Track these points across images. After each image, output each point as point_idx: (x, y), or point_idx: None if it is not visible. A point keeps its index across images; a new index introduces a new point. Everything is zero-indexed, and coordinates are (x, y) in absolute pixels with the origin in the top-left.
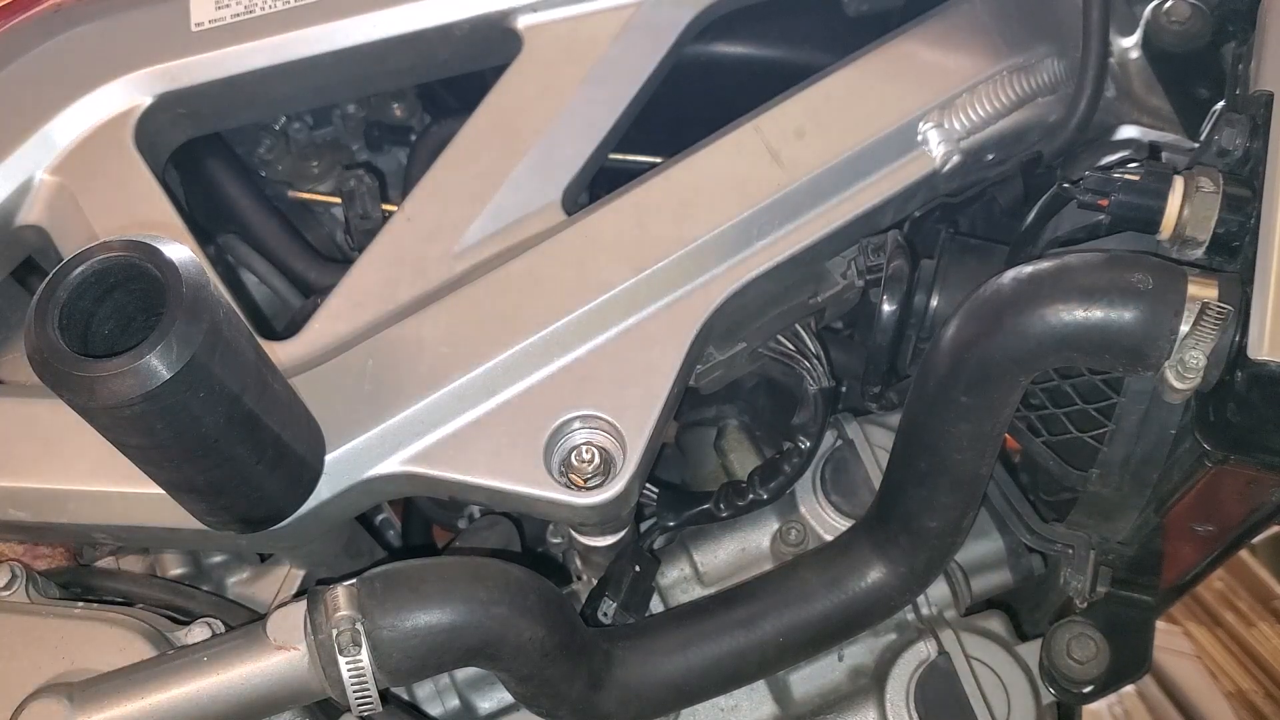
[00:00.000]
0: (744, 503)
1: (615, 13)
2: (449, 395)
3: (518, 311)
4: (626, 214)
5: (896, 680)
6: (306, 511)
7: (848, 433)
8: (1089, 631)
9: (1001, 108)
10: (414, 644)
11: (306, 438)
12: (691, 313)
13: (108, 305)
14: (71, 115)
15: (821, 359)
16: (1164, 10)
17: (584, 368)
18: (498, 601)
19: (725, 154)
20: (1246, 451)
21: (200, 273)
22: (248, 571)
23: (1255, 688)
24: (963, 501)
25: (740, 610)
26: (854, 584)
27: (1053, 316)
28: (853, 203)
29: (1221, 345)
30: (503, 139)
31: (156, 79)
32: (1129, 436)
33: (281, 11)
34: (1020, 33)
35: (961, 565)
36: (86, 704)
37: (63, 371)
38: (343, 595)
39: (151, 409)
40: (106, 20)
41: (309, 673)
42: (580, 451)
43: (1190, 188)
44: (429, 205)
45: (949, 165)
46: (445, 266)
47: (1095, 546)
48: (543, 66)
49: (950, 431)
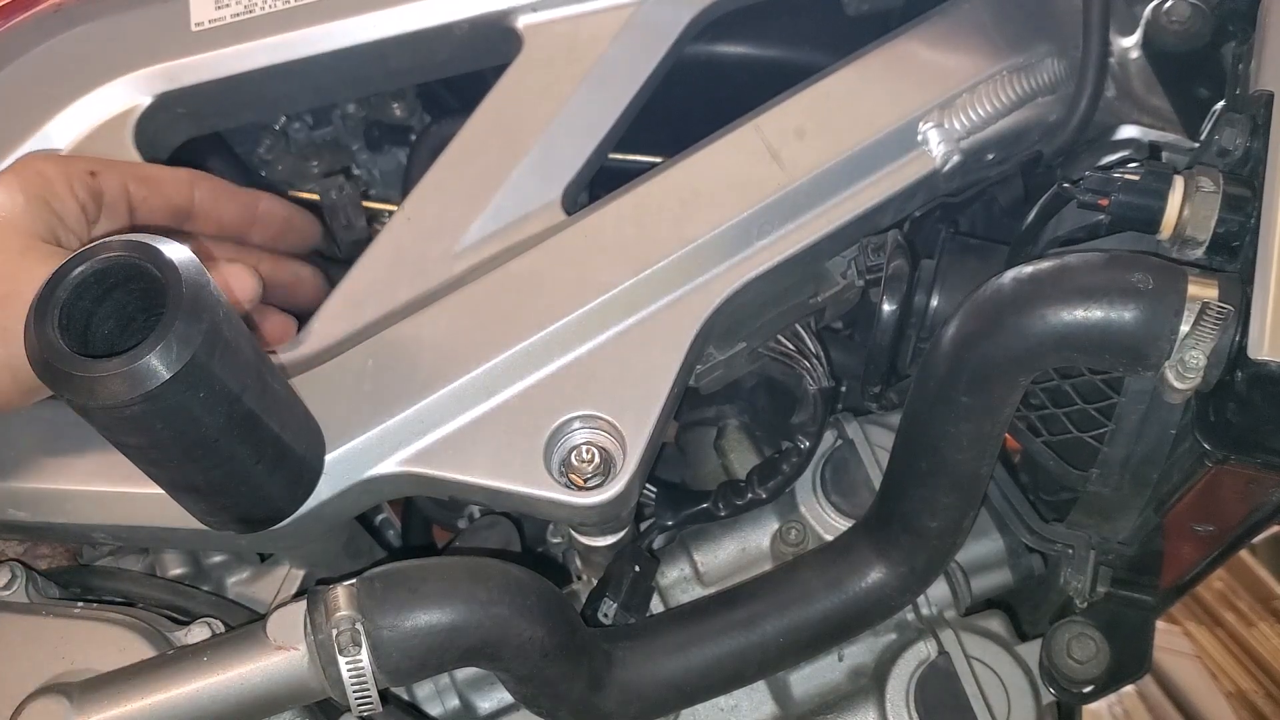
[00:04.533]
0: (743, 502)
1: (615, 12)
2: (449, 395)
3: (518, 311)
4: (626, 214)
5: (896, 680)
6: (306, 511)
7: (848, 432)
8: (1089, 631)
9: (1001, 108)
10: (414, 644)
11: (306, 438)
12: (691, 313)
13: (108, 305)
14: (71, 115)
15: (821, 359)
16: (1164, 10)
17: (584, 368)
18: (497, 601)
19: (725, 154)
20: (1247, 451)
21: (200, 273)
22: (248, 571)
23: (1255, 688)
24: (963, 501)
25: (740, 610)
26: (854, 584)
27: (1053, 316)
28: (853, 203)
29: (1222, 345)
30: (503, 139)
31: (156, 79)
32: (1129, 436)
33: (281, 11)
34: (1020, 33)
35: (961, 565)
36: (86, 704)
37: (62, 371)
38: (343, 595)
39: (151, 409)
40: (106, 20)
41: (309, 673)
42: (580, 451)
43: (1190, 187)
44: (429, 205)
45: (949, 165)
46: (445, 266)
47: (1095, 546)
48: (543, 66)
49: (950, 431)
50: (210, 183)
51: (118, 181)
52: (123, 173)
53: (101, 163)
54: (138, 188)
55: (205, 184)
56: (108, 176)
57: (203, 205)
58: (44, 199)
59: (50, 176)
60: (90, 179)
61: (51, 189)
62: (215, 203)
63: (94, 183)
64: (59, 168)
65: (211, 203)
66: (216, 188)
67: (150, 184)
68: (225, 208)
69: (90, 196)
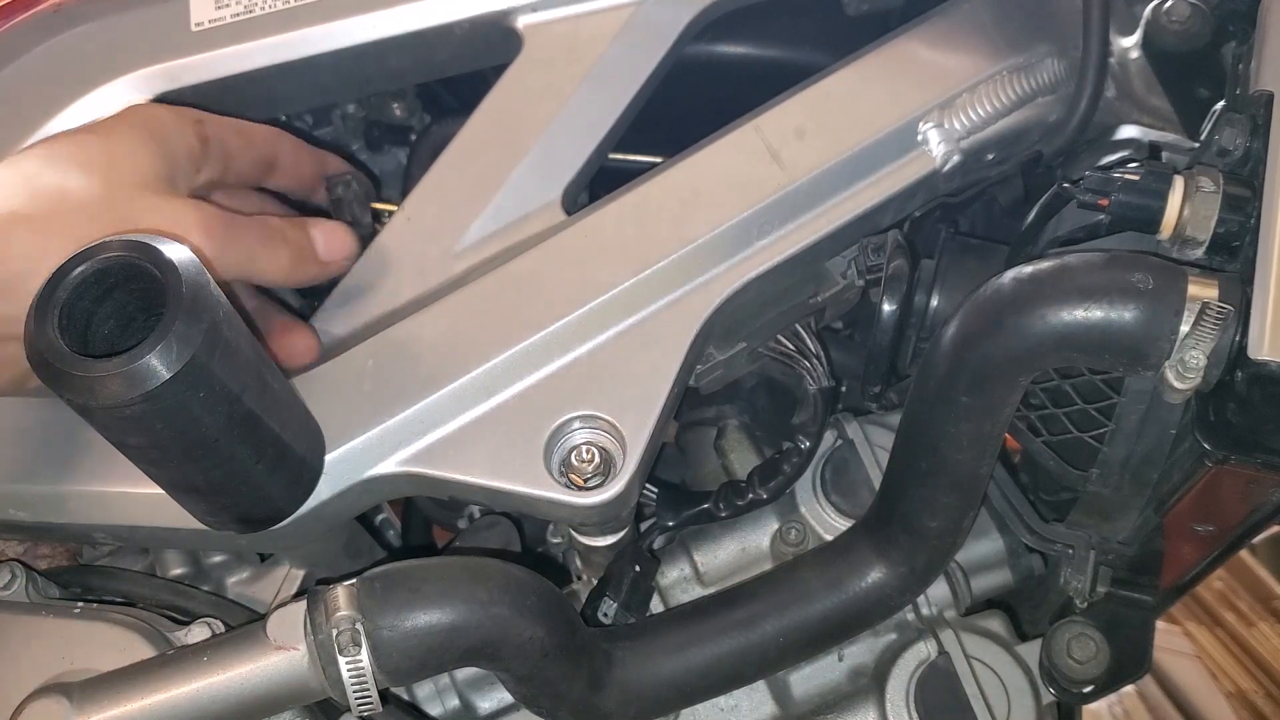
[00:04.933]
0: (743, 502)
1: (615, 12)
2: (449, 395)
3: (518, 311)
4: (626, 214)
5: (896, 680)
6: (307, 511)
7: (848, 433)
8: (1089, 631)
9: (1002, 108)
10: (414, 644)
11: (306, 438)
12: (691, 313)
13: (108, 305)
14: (71, 115)
15: (821, 359)
16: (1164, 10)
17: (584, 368)
18: (497, 602)
19: (725, 154)
20: (1247, 451)
21: (200, 273)
22: (248, 571)
23: (1255, 688)
24: (963, 501)
25: (740, 610)
26: (854, 584)
27: (1053, 316)
28: (853, 203)
29: (1222, 345)
30: (503, 139)
31: (156, 79)
32: (1129, 436)
33: (281, 11)
34: (1020, 33)
35: (961, 565)
36: (86, 704)
37: (62, 371)
38: (342, 595)
39: (151, 409)
40: (106, 20)
41: (309, 673)
42: (580, 451)
43: (1190, 187)
44: (429, 205)
45: (949, 165)
46: (445, 266)
47: (1095, 546)
48: (543, 66)
49: (950, 431)
50: (291, 139)
51: (221, 130)
52: (222, 123)
53: (203, 113)
54: (235, 139)
55: (288, 139)
56: (212, 125)
57: (284, 159)
58: (161, 140)
59: (165, 120)
60: (197, 124)
61: (166, 132)
62: (296, 157)
63: (201, 129)
64: (171, 113)
65: (293, 157)
66: (297, 144)
67: (245, 135)
68: (304, 162)
69: (199, 141)
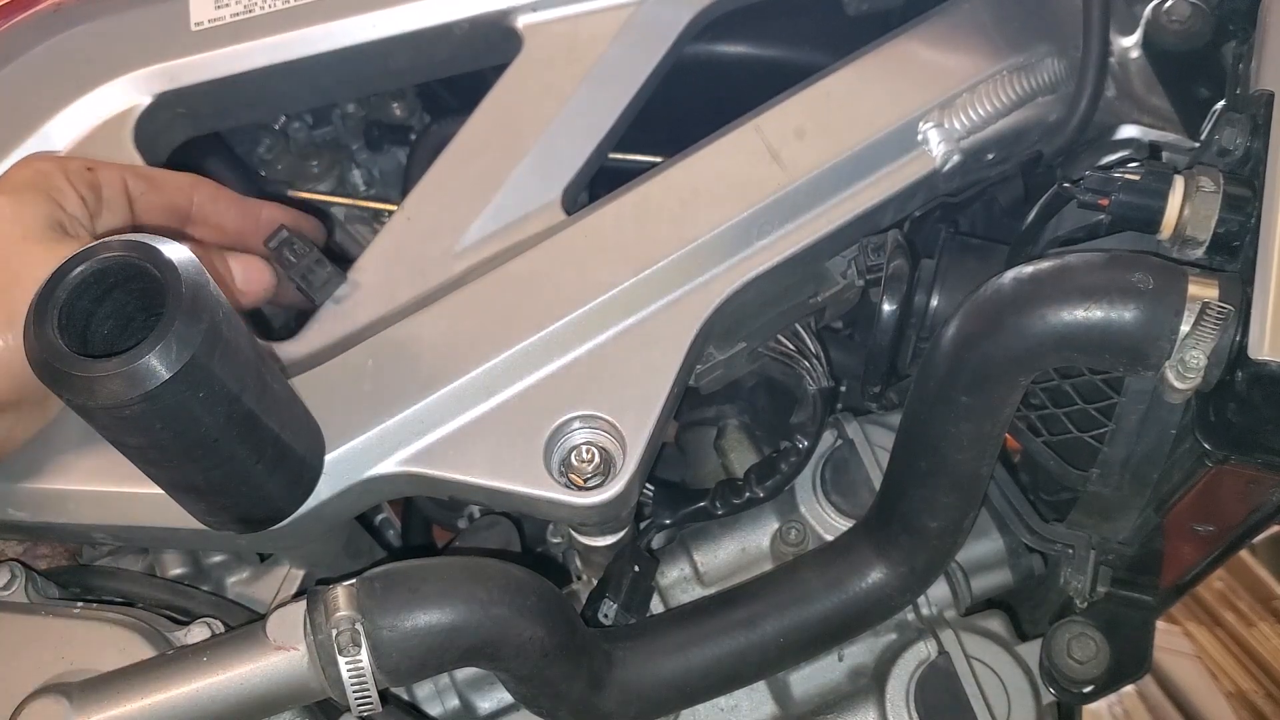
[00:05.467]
0: (740, 500)
1: (615, 12)
2: (449, 395)
3: (518, 311)
4: (626, 214)
5: (896, 680)
6: (306, 511)
7: (848, 432)
8: (1089, 631)
9: (1002, 107)
10: (413, 644)
11: (306, 438)
12: (691, 313)
13: (107, 305)
14: (71, 115)
15: (821, 359)
16: (1164, 10)
17: (584, 368)
18: (497, 602)
19: (725, 154)
20: (1247, 451)
21: (200, 272)
22: (247, 571)
23: (1255, 688)
24: (963, 501)
25: (740, 610)
26: (854, 584)
27: (1053, 316)
28: (853, 203)
29: (1222, 345)
30: (503, 139)
31: (156, 79)
32: (1129, 436)
33: (281, 11)
34: (1020, 32)
35: (961, 565)
36: (86, 704)
37: (62, 371)
38: (342, 595)
39: (151, 409)
40: (106, 20)
41: (309, 673)
42: (580, 451)
43: (1190, 187)
44: (429, 205)
45: (949, 165)
46: (445, 266)
47: (1095, 546)
48: (543, 66)
49: (951, 431)
50: (210, 187)
51: (115, 175)
52: (120, 169)
53: (98, 161)
54: (136, 183)
55: (205, 188)
56: (105, 171)
57: (202, 208)
58: (43, 189)
59: (47, 170)
60: (87, 173)
61: (49, 181)
62: (215, 206)
63: (91, 176)
64: (55, 162)
65: (211, 206)
66: (217, 193)
67: (148, 181)
68: (225, 213)
69: (88, 188)
